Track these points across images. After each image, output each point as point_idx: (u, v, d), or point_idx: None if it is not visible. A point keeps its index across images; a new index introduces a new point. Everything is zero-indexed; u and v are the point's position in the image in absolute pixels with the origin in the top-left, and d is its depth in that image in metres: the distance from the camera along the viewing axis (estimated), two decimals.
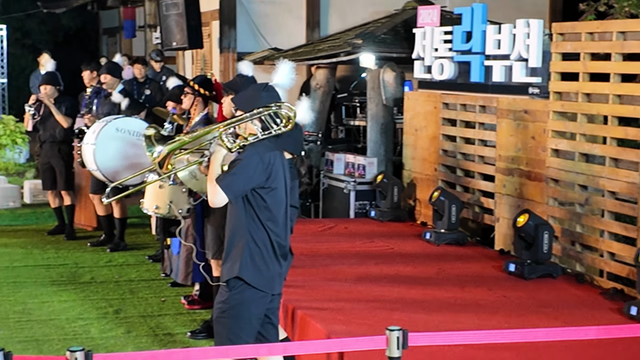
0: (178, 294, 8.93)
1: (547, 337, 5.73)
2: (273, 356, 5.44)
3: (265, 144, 5.18)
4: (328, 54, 13.12)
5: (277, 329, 5.61)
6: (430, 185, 10.62)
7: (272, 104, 5.18)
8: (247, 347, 5.00)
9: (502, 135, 9.38)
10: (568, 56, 8.49)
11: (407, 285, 7.98)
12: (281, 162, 5.27)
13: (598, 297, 7.71)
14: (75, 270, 10.05)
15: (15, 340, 7.50)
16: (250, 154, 5.13)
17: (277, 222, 5.25)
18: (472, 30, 9.90)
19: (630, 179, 7.69)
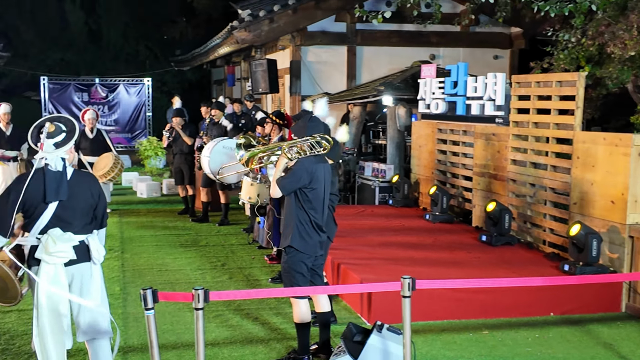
0: (262, 253, 9.00)
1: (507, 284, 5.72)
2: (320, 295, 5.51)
3: (311, 159, 5.28)
4: (361, 96, 13.11)
5: (322, 278, 5.67)
6: (429, 183, 10.62)
7: (316, 135, 5.31)
8: (302, 288, 5.17)
9: (477, 150, 9.37)
10: (522, 97, 8.45)
11: (414, 249, 8.00)
12: (322, 171, 5.37)
13: (542, 259, 7.72)
14: (195, 238, 10.15)
15: (157, 283, 7.62)
16: (300, 165, 5.28)
17: (316, 209, 5.33)
18: (457, 80, 9.88)
19: (564, 180, 7.71)
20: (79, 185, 4.71)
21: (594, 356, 5.71)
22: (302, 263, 5.33)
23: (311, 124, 5.43)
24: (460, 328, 6.35)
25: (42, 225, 4.57)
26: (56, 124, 4.68)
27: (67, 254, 4.58)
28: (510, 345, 5.91)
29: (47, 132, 4.62)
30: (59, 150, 4.62)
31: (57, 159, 4.61)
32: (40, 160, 4.59)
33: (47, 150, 4.58)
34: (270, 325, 6.39)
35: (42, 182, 4.52)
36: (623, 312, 6.88)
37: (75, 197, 4.66)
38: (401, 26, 15.19)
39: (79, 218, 4.69)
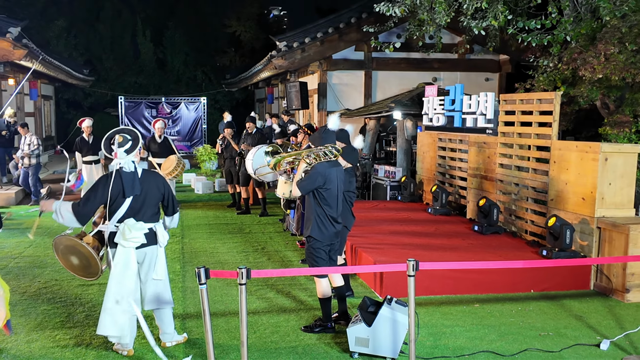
0: (294, 239, 9.00)
1: (495, 266, 5.68)
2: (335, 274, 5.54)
3: (324, 164, 5.30)
4: (375, 111, 13.09)
5: (335, 261, 5.63)
6: (431, 183, 10.55)
7: (328, 144, 5.34)
8: (325, 268, 5.18)
9: (471, 155, 9.29)
10: (508, 112, 8.37)
11: (418, 236, 7.95)
12: (335, 173, 5.36)
13: (524, 245, 7.64)
14: (240, 226, 10.18)
15: (209, 263, 7.67)
16: (314, 169, 5.30)
17: (331, 205, 5.31)
18: (455, 98, 9.81)
19: (543, 180, 7.63)
20: (148, 182, 4.85)
21: (566, 326, 5.65)
22: (320, 249, 5.34)
23: (324, 135, 5.43)
24: (455, 302, 6.32)
25: (120, 215, 4.74)
26: (123, 135, 4.83)
27: (139, 239, 4.74)
28: (497, 316, 5.88)
29: (117, 142, 4.77)
30: (130, 155, 4.78)
31: (128, 162, 4.78)
32: (116, 165, 4.76)
33: (121, 157, 4.76)
34: (300, 298, 6.40)
35: (121, 182, 4.70)
36: (592, 289, 6.81)
37: (145, 192, 4.80)
38: (409, 54, 15.16)
39: (148, 209, 4.84)
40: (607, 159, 6.73)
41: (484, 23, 9.47)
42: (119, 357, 4.85)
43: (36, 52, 14.26)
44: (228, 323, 5.59)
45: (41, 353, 4.92)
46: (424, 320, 5.70)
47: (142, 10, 30.07)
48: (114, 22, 28.53)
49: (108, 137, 4.89)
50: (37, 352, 4.94)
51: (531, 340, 5.31)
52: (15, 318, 5.67)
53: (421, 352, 4.97)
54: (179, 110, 23.79)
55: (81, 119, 11.64)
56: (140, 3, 30.30)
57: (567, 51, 8.75)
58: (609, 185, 6.76)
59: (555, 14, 9.14)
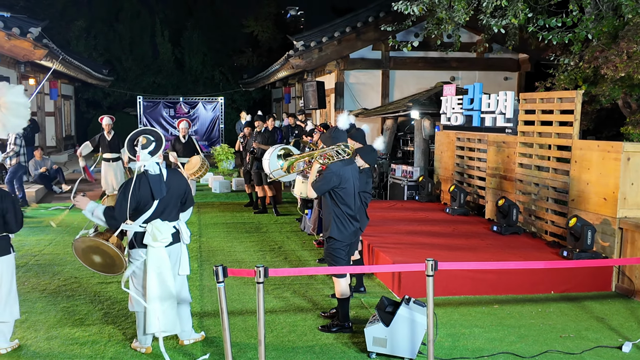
0: (311, 239, 8.97)
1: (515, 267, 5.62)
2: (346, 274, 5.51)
3: (338, 163, 5.27)
4: (393, 111, 13.03)
5: (349, 261, 5.62)
6: (449, 182, 10.48)
7: (340, 144, 5.29)
8: (342, 267, 5.14)
9: (490, 155, 9.21)
10: (528, 111, 8.28)
11: (436, 236, 7.90)
12: (350, 171, 5.32)
13: (544, 246, 7.55)
14: (257, 226, 10.17)
15: (227, 261, 7.68)
16: (330, 169, 5.26)
17: (348, 205, 5.29)
18: (473, 97, 9.73)
19: (563, 180, 7.54)
20: (173, 182, 4.87)
21: (587, 327, 5.57)
22: (340, 249, 5.32)
23: (335, 135, 5.39)
24: (474, 302, 6.26)
25: (146, 217, 4.76)
26: (146, 137, 4.79)
27: (169, 239, 4.79)
28: (516, 318, 5.81)
29: (141, 144, 4.74)
30: (154, 157, 4.76)
31: (153, 164, 4.76)
32: (140, 167, 4.75)
33: (144, 159, 4.74)
34: (317, 297, 6.38)
35: (148, 184, 4.69)
36: (613, 291, 6.71)
37: (170, 192, 4.82)
38: (427, 53, 15.08)
39: (173, 209, 4.88)
40: (629, 158, 6.62)
41: (504, 21, 9.37)
42: (137, 355, 4.87)
43: (56, 52, 14.42)
44: (245, 322, 5.59)
45: (60, 350, 4.96)
46: (442, 320, 5.65)
47: (160, 10, 30.29)
48: (133, 23, 28.74)
49: (131, 138, 4.85)
50: (57, 349, 4.97)
51: (552, 342, 5.24)
52: (35, 315, 5.73)
53: (439, 353, 4.93)
54: (197, 110, 23.91)
55: (101, 117, 11.74)
56: (159, 4, 30.52)
57: (589, 49, 8.63)
58: (632, 185, 6.66)
59: (577, 12, 9.01)
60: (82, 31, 27.12)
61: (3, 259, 4.83)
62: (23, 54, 13.02)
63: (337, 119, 5.69)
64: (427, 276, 4.37)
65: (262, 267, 4.18)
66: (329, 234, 5.30)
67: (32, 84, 16.53)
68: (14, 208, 4.87)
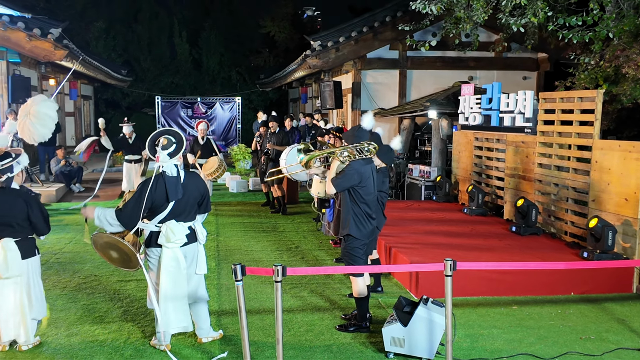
0: (328, 238, 8.97)
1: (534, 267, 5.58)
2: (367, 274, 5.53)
3: (359, 161, 5.25)
4: (410, 110, 12.99)
5: (367, 260, 5.60)
6: (467, 183, 10.42)
7: (363, 142, 5.27)
8: (360, 267, 5.12)
9: (509, 155, 9.15)
10: (548, 111, 8.21)
11: (454, 237, 7.86)
12: (370, 170, 5.32)
13: (564, 247, 7.49)
14: (274, 225, 10.19)
15: (244, 260, 7.71)
16: (350, 167, 5.25)
17: (368, 203, 5.28)
18: (492, 97, 9.67)
19: (583, 180, 7.46)
20: (190, 185, 4.87)
21: (608, 329, 5.51)
22: (358, 248, 5.31)
23: (358, 133, 5.36)
24: (493, 303, 6.22)
25: (161, 217, 4.78)
26: (168, 137, 4.80)
27: (182, 240, 4.81)
28: (536, 319, 5.76)
29: (161, 145, 4.75)
30: (173, 159, 4.77)
31: (171, 166, 4.77)
32: (158, 168, 4.77)
33: (163, 160, 4.75)
34: (334, 297, 6.38)
35: (164, 186, 4.71)
36: (634, 292, 6.62)
37: (187, 194, 4.82)
38: (444, 53, 15.01)
39: (188, 209, 4.89)
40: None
41: (523, 20, 9.30)
42: (156, 352, 4.91)
43: (76, 52, 14.58)
44: (263, 321, 5.61)
45: (80, 347, 5.01)
46: (460, 321, 5.62)
47: (178, 11, 30.49)
48: (151, 24, 28.96)
49: (152, 138, 4.85)
50: (77, 346, 5.03)
51: (571, 343, 5.19)
52: (56, 312, 5.79)
53: (458, 354, 4.90)
54: (214, 110, 24.01)
55: (123, 124, 11.74)
56: (176, 4, 30.75)
57: (610, 48, 8.54)
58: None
59: (597, 11, 8.92)
60: (102, 32, 27.39)
61: (29, 260, 4.91)
62: (44, 54, 13.18)
63: (362, 119, 5.67)
64: (446, 276, 4.34)
65: (280, 266, 4.18)
66: (347, 231, 5.29)
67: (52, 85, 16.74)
68: (41, 210, 4.93)
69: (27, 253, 4.88)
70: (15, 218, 4.80)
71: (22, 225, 4.84)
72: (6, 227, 4.80)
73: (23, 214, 4.82)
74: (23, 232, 4.85)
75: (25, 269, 4.88)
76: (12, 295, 4.85)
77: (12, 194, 4.86)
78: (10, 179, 4.89)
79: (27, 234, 4.89)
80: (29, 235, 4.90)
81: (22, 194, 4.92)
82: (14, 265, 4.78)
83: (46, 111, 5.03)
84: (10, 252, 4.77)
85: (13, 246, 4.79)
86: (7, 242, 4.78)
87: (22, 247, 4.84)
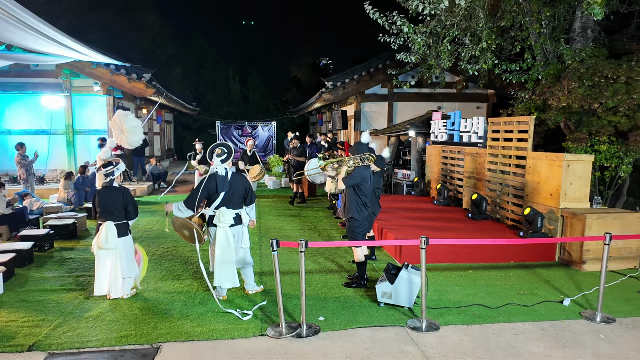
0: (337, 221, 8.94)
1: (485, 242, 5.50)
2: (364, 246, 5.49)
3: (361, 167, 5.24)
4: (396, 131, 12.89)
5: (365, 236, 5.55)
6: (436, 182, 10.31)
7: (364, 153, 5.25)
8: (359, 242, 5.06)
9: (467, 162, 9.04)
10: (495, 131, 8.10)
11: (427, 221, 7.77)
12: (368, 173, 5.28)
13: (506, 228, 7.38)
14: (298, 213, 10.12)
15: (278, 236, 7.66)
16: (356, 171, 5.23)
17: (365, 196, 5.24)
18: (454, 121, 9.58)
19: (520, 181, 7.35)
20: (236, 182, 4.89)
21: (537, 287, 5.44)
22: (358, 227, 5.30)
23: (359, 147, 5.38)
24: (455, 268, 6.17)
25: (216, 204, 4.80)
26: (222, 148, 4.86)
27: (230, 221, 4.82)
28: (485, 279, 5.71)
29: (217, 154, 4.81)
30: (224, 164, 4.82)
31: (221, 169, 4.81)
32: (213, 169, 4.83)
33: (216, 165, 4.82)
34: (342, 262, 6.37)
35: (215, 182, 4.75)
36: (557, 261, 6.53)
37: (233, 189, 4.84)
38: (420, 89, 14.87)
39: (235, 200, 4.89)
40: (569, 165, 6.45)
41: (477, 66, 9.20)
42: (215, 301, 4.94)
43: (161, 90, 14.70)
44: (291, 279, 5.62)
45: (164, 297, 5.07)
46: (431, 281, 5.59)
47: (233, 61, 30.61)
48: (213, 70, 29.09)
49: (211, 148, 4.94)
50: (162, 296, 5.08)
51: (511, 297, 5.14)
52: (148, 271, 5.85)
53: (429, 303, 4.88)
54: (257, 131, 24.09)
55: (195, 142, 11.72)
56: (231, 56, 30.82)
57: (539, 86, 8.42)
58: (570, 184, 6.48)
59: (530, 59, 8.82)
60: (179, 76, 27.57)
61: (125, 238, 4.98)
62: (139, 91, 13.33)
63: (361, 136, 5.69)
64: (421, 249, 4.33)
65: (303, 240, 4.20)
66: (350, 214, 5.28)
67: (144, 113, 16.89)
68: (133, 202, 5.00)
69: (122, 233, 4.93)
70: (115, 207, 4.87)
71: (120, 212, 4.90)
72: (109, 213, 4.88)
73: (121, 205, 4.89)
74: (120, 218, 4.92)
75: (120, 244, 4.93)
76: (108, 261, 4.91)
77: (114, 191, 4.93)
78: (112, 180, 4.97)
79: (123, 219, 4.95)
80: (123, 220, 4.96)
81: (120, 190, 4.98)
82: (112, 240, 4.85)
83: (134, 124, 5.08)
84: (110, 231, 4.85)
85: (112, 227, 4.86)
86: (109, 224, 4.86)
87: (118, 229, 4.90)
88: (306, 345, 4.07)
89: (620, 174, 7.76)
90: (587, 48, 8.19)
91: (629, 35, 9.36)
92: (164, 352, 3.94)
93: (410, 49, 9.77)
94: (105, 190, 4.94)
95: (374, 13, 8.73)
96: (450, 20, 9.18)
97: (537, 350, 4.04)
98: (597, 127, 7.66)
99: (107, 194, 4.90)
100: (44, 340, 4.12)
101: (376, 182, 5.71)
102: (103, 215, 4.89)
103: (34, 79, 13.05)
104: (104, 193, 4.92)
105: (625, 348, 4.12)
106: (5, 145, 13.10)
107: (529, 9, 8.63)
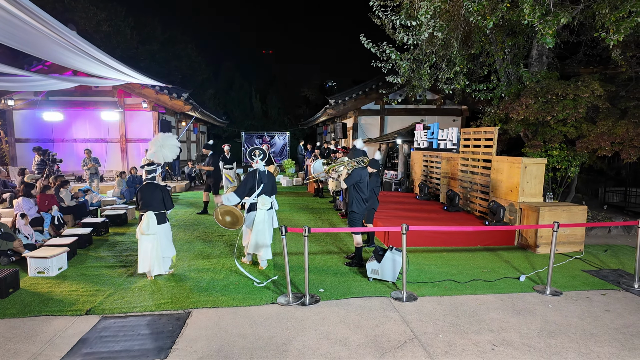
0: (339, 213, 8.94)
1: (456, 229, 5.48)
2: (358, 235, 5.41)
3: (358, 169, 5.19)
4: (386, 139, 12.84)
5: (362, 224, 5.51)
6: (418, 181, 10.24)
7: (360, 157, 5.23)
8: (358, 228, 5.03)
9: (443, 165, 8.97)
10: (466, 139, 8.04)
11: (409, 212, 7.70)
12: (366, 173, 5.24)
13: (474, 218, 7.30)
14: (307, 204, 10.11)
15: (289, 224, 7.62)
16: (354, 172, 5.18)
17: (363, 192, 5.20)
18: (434, 131, 9.52)
19: (487, 179, 7.26)
20: (269, 177, 5.06)
21: (499, 266, 5.40)
22: (356, 218, 5.27)
23: (354, 152, 5.39)
24: (431, 251, 6.13)
25: (257, 193, 4.95)
26: (259, 151, 5.03)
27: (268, 206, 4.97)
28: (457, 260, 5.67)
29: (258, 156, 5.01)
30: (262, 162, 5.00)
31: (261, 166, 5.00)
32: (255, 166, 5.00)
33: (259, 163, 5.01)
34: (341, 245, 6.37)
35: (257, 176, 4.94)
36: (516, 245, 6.47)
37: (267, 181, 4.98)
38: (406, 106, 14.77)
39: (269, 190, 5.03)
40: (526, 167, 6.39)
41: (452, 87, 9.14)
42: (235, 275, 4.96)
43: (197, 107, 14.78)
44: (298, 258, 5.62)
45: (196, 273, 5.10)
46: (412, 260, 5.57)
47: (255, 83, 30.71)
48: (240, 91, 29.21)
49: (249, 151, 5.11)
50: (194, 273, 5.12)
51: (477, 274, 5.11)
52: (182, 253, 5.90)
53: (410, 278, 4.87)
54: (274, 139, 24.11)
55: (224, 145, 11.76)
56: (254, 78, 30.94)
57: (502, 103, 8.35)
58: (527, 182, 6.42)
59: (495, 80, 8.74)
60: (211, 96, 27.69)
61: (164, 225, 4.99)
62: (178, 108, 13.41)
63: (355, 143, 5.70)
64: (402, 234, 4.32)
65: (307, 227, 4.22)
66: (351, 208, 5.26)
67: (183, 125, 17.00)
68: (169, 196, 5.04)
69: (160, 221, 4.94)
70: (155, 200, 4.90)
71: (159, 204, 4.92)
72: (150, 205, 4.91)
73: (159, 198, 4.92)
74: (159, 208, 4.93)
75: (159, 230, 4.94)
76: (149, 244, 4.91)
77: (154, 187, 4.98)
78: (154, 177, 5.02)
79: (161, 210, 4.96)
80: (162, 210, 4.98)
81: (159, 186, 5.01)
82: (152, 227, 4.87)
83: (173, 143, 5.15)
84: (151, 219, 4.88)
85: (153, 216, 4.88)
86: (150, 214, 4.89)
87: (158, 217, 4.91)
88: (308, 311, 4.09)
89: (569, 175, 7.68)
90: (542, 71, 8.12)
91: (577, 60, 9.27)
92: (194, 316, 3.99)
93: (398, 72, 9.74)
94: (146, 186, 4.98)
95: (368, 43, 8.72)
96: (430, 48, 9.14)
97: (496, 317, 4.02)
98: (550, 136, 7.59)
99: (148, 189, 4.94)
100: (98, 306, 4.19)
101: (374, 182, 5.69)
102: (145, 207, 4.94)
103: (95, 98, 13.22)
104: (146, 188, 4.95)
105: (568, 316, 4.09)
106: (72, 151, 13.28)
107: (495, 39, 8.57)
